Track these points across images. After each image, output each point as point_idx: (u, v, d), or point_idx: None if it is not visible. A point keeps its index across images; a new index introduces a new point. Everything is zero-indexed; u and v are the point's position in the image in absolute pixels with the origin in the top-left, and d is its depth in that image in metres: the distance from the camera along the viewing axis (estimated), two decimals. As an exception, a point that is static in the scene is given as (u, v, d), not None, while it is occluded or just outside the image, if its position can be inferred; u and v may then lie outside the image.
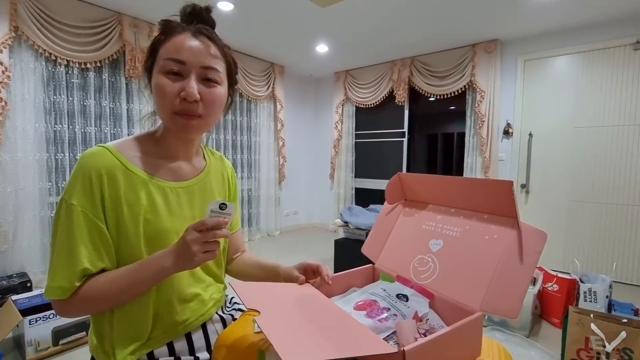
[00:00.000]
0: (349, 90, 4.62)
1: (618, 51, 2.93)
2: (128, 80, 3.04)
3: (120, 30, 2.86)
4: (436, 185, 0.71)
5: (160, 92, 0.63)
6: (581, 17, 2.87)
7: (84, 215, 0.60)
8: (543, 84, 3.30)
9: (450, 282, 0.62)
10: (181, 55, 0.63)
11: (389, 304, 0.62)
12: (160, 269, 0.60)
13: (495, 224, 0.61)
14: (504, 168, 3.52)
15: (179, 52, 0.63)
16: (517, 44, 3.40)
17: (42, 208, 2.61)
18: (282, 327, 0.46)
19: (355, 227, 2.94)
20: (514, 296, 0.53)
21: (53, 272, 0.59)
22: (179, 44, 0.64)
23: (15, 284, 2.33)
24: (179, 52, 0.63)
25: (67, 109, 2.71)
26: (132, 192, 0.64)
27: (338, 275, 0.74)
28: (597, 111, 3.03)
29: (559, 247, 3.25)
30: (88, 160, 0.61)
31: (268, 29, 3.28)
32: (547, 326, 2.19)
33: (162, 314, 0.68)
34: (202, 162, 0.80)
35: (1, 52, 2.30)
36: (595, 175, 3.06)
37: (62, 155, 2.72)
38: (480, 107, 3.49)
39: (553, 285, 2.23)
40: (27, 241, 2.53)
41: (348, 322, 0.52)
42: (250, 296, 0.56)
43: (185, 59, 0.63)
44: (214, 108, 0.68)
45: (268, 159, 4.52)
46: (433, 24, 3.09)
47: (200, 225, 0.57)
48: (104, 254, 0.62)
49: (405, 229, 0.75)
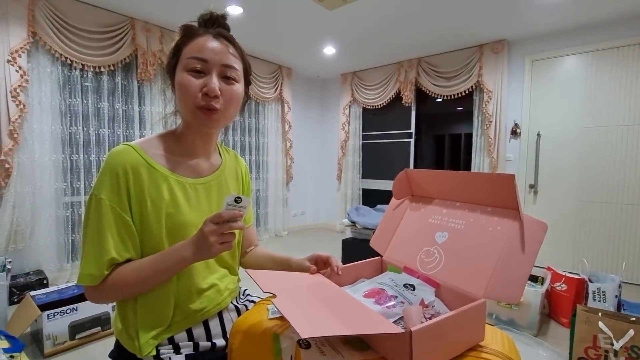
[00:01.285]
0: (355, 92, 4.65)
1: (626, 50, 2.91)
2: (140, 83, 3.12)
3: (132, 34, 2.94)
4: (442, 181, 0.74)
5: (183, 88, 0.68)
6: (588, 16, 2.86)
7: (111, 208, 0.64)
8: (551, 83, 3.29)
9: (455, 271, 0.65)
10: (204, 54, 0.68)
11: (396, 292, 0.65)
12: (181, 258, 0.64)
13: (498, 216, 0.64)
14: (511, 168, 3.51)
15: (202, 51, 0.68)
16: (524, 44, 3.40)
17: (57, 208, 2.69)
18: (296, 307, 0.50)
19: (363, 226, 2.97)
20: (516, 283, 0.55)
21: (85, 261, 0.64)
22: (202, 44, 0.69)
23: (32, 281, 2.41)
24: (201, 51, 0.68)
25: (81, 111, 2.79)
26: (155, 187, 0.68)
27: (347, 267, 0.77)
28: (606, 111, 3.01)
29: (568, 246, 3.23)
30: (115, 157, 0.66)
31: (276, 32, 3.33)
32: (555, 326, 2.18)
33: (182, 302, 0.72)
34: (219, 159, 0.85)
35: (20, 57, 2.39)
36: (604, 175, 3.04)
37: (76, 156, 2.80)
38: (488, 108, 3.49)
39: (562, 285, 2.23)
40: (43, 240, 2.61)
41: (358, 307, 0.55)
42: (266, 281, 0.60)
43: (207, 57, 0.68)
44: (232, 103, 0.73)
45: (276, 160, 4.57)
46: (439, 25, 3.11)
47: (217, 217, 0.61)
48: (130, 245, 0.67)
49: (412, 222, 0.78)
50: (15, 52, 2.36)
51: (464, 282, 0.62)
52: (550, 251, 3.30)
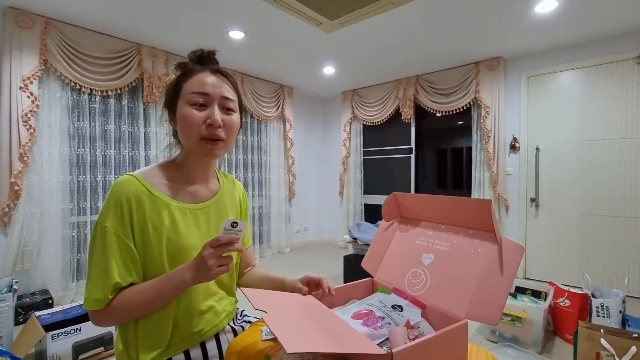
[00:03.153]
0: (356, 109, 4.74)
1: (621, 65, 2.96)
2: (145, 106, 3.22)
3: (139, 59, 3.06)
4: (428, 204, 0.77)
5: (188, 120, 0.74)
6: (582, 33, 2.93)
7: (115, 235, 0.69)
8: (548, 98, 3.34)
9: (440, 293, 0.67)
10: (205, 88, 0.75)
11: (384, 313, 0.68)
12: (181, 281, 0.68)
13: (479, 238, 0.67)
14: (512, 182, 3.53)
15: (203, 86, 0.75)
16: (519, 60, 3.48)
17: (64, 228, 2.75)
18: (285, 324, 0.53)
19: (364, 242, 2.98)
20: (495, 304, 0.58)
21: (90, 286, 0.68)
22: (202, 80, 0.76)
23: (38, 301, 2.45)
24: (202, 86, 0.75)
25: (89, 133, 2.89)
26: (157, 214, 0.73)
27: (340, 288, 0.80)
28: (604, 124, 3.04)
29: (571, 261, 3.21)
30: (119, 187, 0.71)
31: (277, 54, 3.45)
32: (560, 342, 2.16)
33: (180, 323, 0.75)
34: (217, 184, 0.89)
35: (32, 83, 2.50)
36: (605, 188, 3.04)
37: (83, 177, 2.87)
38: (486, 123, 3.54)
39: (565, 301, 2.21)
40: (49, 260, 2.65)
41: (344, 327, 0.58)
42: (258, 299, 0.63)
43: (209, 91, 0.75)
44: (233, 132, 0.79)
45: (278, 177, 4.62)
46: (436, 44, 3.20)
47: (216, 241, 0.65)
48: (133, 270, 0.71)
49: (400, 244, 0.81)
50: (27, 79, 2.47)
51: (447, 303, 0.65)
52: (553, 266, 3.27)
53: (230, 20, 2.68)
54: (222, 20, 2.69)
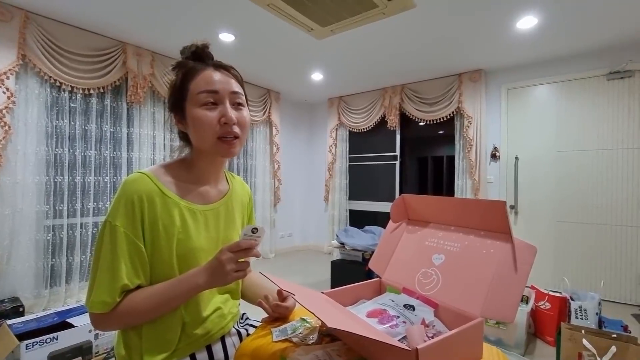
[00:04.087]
0: (342, 116, 4.79)
1: (593, 81, 3.16)
2: (129, 106, 3.12)
3: (124, 58, 2.97)
4: (437, 206, 0.79)
5: (201, 122, 0.71)
6: (559, 49, 3.11)
7: (125, 235, 0.66)
8: (526, 110, 3.50)
9: (452, 292, 0.69)
10: (213, 86, 0.72)
11: (397, 312, 0.68)
12: (194, 285, 0.66)
13: (490, 239, 0.69)
14: (493, 190, 3.66)
15: (211, 84, 0.72)
16: (500, 73, 3.63)
17: (38, 231, 2.60)
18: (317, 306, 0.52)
19: (352, 248, 2.99)
20: (510, 303, 0.60)
21: (97, 288, 0.64)
22: (208, 77, 0.72)
23: (7, 308, 2.29)
24: (210, 84, 0.72)
25: (68, 132, 2.76)
26: (167, 214, 0.70)
27: (348, 288, 0.80)
28: (578, 136, 3.22)
29: (549, 265, 3.34)
30: (130, 186, 0.68)
31: (266, 59, 3.44)
32: (541, 344, 2.23)
33: (188, 326, 0.73)
34: (226, 185, 0.87)
35: (8, 78, 2.38)
36: (579, 197, 3.21)
37: (61, 178, 2.74)
38: (468, 132, 3.66)
39: (545, 304, 2.29)
40: (21, 265, 2.49)
41: (365, 323, 0.58)
42: (282, 284, 0.63)
43: (217, 88, 0.72)
44: (246, 128, 0.78)
45: (264, 182, 4.58)
46: (421, 55, 3.30)
47: (236, 247, 0.64)
48: (140, 271, 0.68)
49: (409, 245, 0.83)
50: (4, 74, 2.35)
51: (461, 302, 0.66)
52: (533, 270, 3.39)
53: (221, 21, 2.66)
54: (213, 22, 2.66)
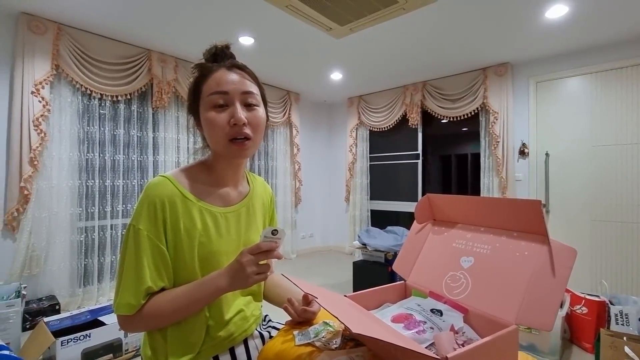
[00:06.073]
0: (362, 115, 4.74)
1: (631, 70, 2.96)
2: (154, 111, 3.23)
3: (149, 65, 3.07)
4: (464, 206, 0.75)
5: (211, 125, 0.71)
6: (592, 38, 2.93)
7: (148, 239, 0.67)
8: (557, 104, 3.33)
9: (483, 296, 0.65)
10: (223, 87, 0.71)
11: (424, 317, 0.65)
12: (216, 288, 0.66)
13: (525, 240, 0.64)
14: (521, 188, 3.50)
15: (221, 85, 0.71)
16: (527, 66, 3.47)
17: (72, 232, 2.73)
18: (341, 310, 0.50)
19: (374, 248, 2.95)
20: (548, 309, 0.56)
21: (123, 290, 0.65)
22: (219, 78, 0.72)
23: (45, 306, 2.42)
24: (220, 85, 0.71)
25: (98, 138, 2.88)
26: (189, 217, 0.71)
27: (371, 291, 0.77)
28: (615, 130, 3.03)
29: (584, 267, 3.16)
30: (153, 189, 0.69)
31: (285, 60, 3.46)
32: (578, 351, 2.10)
33: (212, 329, 0.73)
34: (247, 186, 0.87)
35: (43, 88, 2.51)
36: (615, 194, 3.01)
37: (92, 182, 2.86)
38: (494, 128, 3.53)
39: (582, 308, 2.16)
40: (57, 265, 2.62)
41: (391, 329, 0.56)
42: (306, 287, 0.61)
43: (227, 89, 0.71)
44: (259, 128, 0.76)
45: (285, 183, 4.61)
46: (443, 51, 3.20)
47: (256, 249, 0.63)
48: (164, 274, 0.68)
49: (435, 247, 0.79)
50: (39, 83, 2.48)
51: (493, 308, 0.62)
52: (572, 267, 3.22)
53: (241, 25, 2.69)
54: (233, 26, 2.70)
